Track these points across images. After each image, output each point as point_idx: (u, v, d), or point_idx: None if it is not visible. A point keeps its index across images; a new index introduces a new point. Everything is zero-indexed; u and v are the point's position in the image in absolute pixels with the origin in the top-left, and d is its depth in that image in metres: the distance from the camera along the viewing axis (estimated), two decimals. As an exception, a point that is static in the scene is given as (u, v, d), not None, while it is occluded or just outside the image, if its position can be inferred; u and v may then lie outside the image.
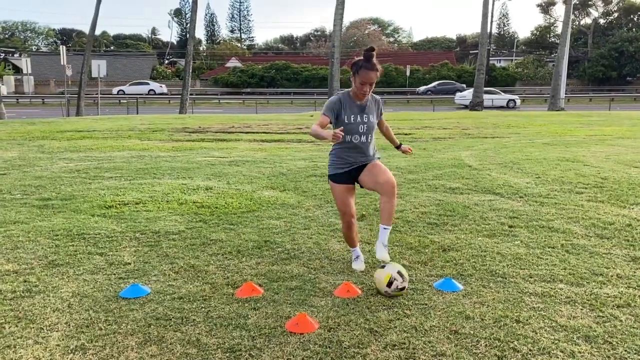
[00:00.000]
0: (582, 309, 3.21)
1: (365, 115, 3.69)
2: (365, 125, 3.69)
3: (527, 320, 3.07)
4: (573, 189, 6.51)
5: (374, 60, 3.55)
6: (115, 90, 48.19)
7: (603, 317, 3.11)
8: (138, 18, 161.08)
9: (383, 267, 3.48)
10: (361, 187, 3.88)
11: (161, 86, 33.31)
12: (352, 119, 3.65)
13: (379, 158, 3.90)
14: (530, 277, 3.72)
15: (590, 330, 2.94)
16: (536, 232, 4.77)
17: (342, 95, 3.70)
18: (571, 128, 15.34)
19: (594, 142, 11.49)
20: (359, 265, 3.93)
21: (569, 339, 2.85)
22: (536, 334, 2.91)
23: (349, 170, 3.78)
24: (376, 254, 3.72)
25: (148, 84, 49.20)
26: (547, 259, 4.09)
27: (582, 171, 7.70)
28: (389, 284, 3.37)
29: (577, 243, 4.45)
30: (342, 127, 3.53)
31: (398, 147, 4.15)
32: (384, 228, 3.68)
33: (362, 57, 3.58)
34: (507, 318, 3.10)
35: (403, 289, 3.41)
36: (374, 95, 3.80)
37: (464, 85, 48.81)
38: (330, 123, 3.67)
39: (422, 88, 49.26)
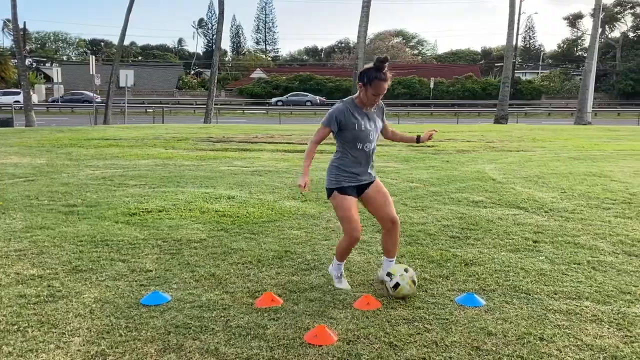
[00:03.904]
0: (608, 328, 3.12)
1: (372, 122, 3.59)
2: (373, 132, 3.59)
3: (551, 338, 3.00)
4: (600, 205, 6.36)
5: (386, 70, 3.46)
6: None
7: (631, 337, 3.01)
8: (165, 29, 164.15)
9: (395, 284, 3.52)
10: (363, 205, 3.76)
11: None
12: (362, 126, 3.52)
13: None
14: (555, 294, 3.64)
15: (617, 351, 2.85)
16: (561, 248, 4.67)
17: (347, 103, 3.56)
18: (598, 142, 15.04)
19: (622, 157, 11.24)
20: (344, 285, 3.79)
21: (594, 359, 2.77)
22: (561, 352, 2.84)
23: (356, 185, 3.64)
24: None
25: (19, 93, 46.54)
26: (573, 275, 4.00)
27: (609, 186, 7.54)
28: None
29: (604, 260, 4.34)
30: (307, 185, 3.63)
31: (418, 140, 3.86)
32: (390, 261, 3.76)
33: (372, 67, 3.46)
34: (531, 335, 3.03)
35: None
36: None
37: (317, 98, 50.86)
38: (332, 133, 3.57)
39: (274, 99, 51.57)
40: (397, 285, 3.49)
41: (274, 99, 52.03)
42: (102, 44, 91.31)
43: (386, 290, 3.58)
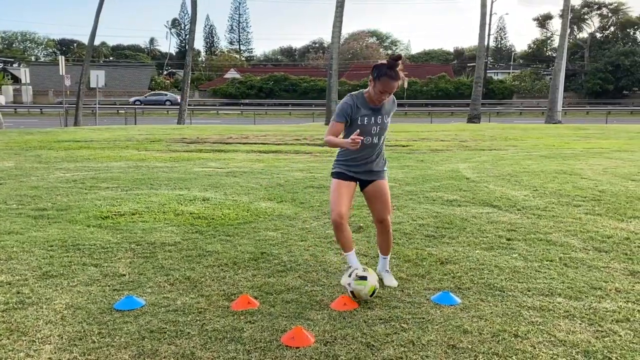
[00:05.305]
0: (580, 324, 3.18)
1: (379, 117, 3.60)
2: (377, 127, 3.60)
3: (525, 334, 3.04)
4: (571, 202, 6.49)
5: (398, 69, 3.43)
6: None
7: (602, 331, 3.08)
8: (137, 29, 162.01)
9: (364, 278, 3.45)
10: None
11: None
12: (364, 120, 3.54)
13: (385, 170, 3.80)
14: (529, 291, 3.69)
15: (589, 345, 2.91)
16: (534, 245, 4.75)
17: (355, 96, 3.57)
18: (568, 141, 15.37)
19: (591, 155, 11.50)
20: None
21: (567, 354, 2.82)
22: (535, 348, 2.88)
23: (353, 177, 3.70)
24: (384, 282, 3.77)
25: None
26: (545, 272, 4.07)
27: (579, 184, 7.70)
28: (372, 294, 3.46)
29: (575, 256, 4.43)
30: (358, 130, 3.46)
31: None
32: (384, 258, 3.84)
33: (385, 63, 3.44)
34: (506, 332, 3.06)
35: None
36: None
37: (177, 97, 49.94)
38: (346, 126, 3.58)
39: (132, 99, 51.47)
40: (352, 293, 3.45)
41: (132, 99, 50.80)
42: (75, 45, 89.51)
43: (367, 295, 3.48)
